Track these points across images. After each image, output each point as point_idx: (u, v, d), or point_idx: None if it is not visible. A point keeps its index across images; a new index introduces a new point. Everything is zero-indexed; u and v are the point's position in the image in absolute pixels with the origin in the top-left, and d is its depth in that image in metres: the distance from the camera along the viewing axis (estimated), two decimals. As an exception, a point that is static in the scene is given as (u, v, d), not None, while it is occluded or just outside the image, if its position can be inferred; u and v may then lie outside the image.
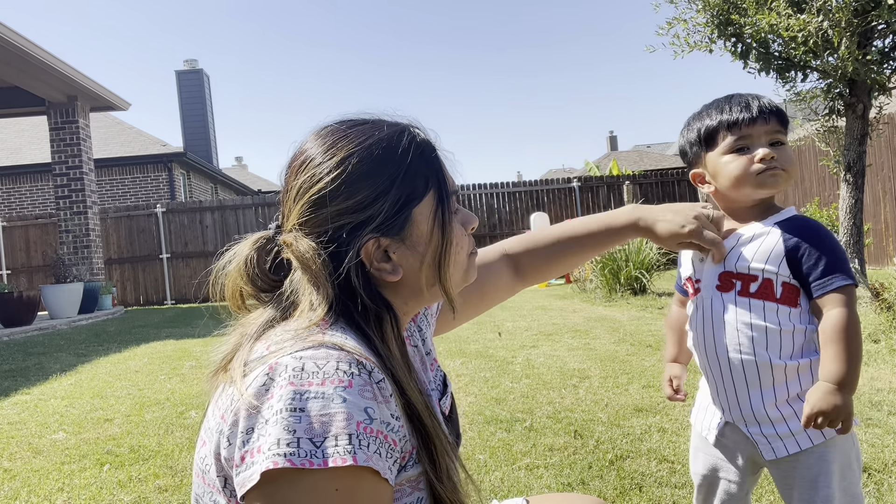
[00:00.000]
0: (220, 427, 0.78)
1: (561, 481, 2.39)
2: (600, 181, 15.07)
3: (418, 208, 0.87)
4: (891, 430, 2.69)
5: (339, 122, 0.91)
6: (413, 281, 0.89)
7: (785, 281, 1.26)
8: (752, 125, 1.29)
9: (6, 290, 8.80)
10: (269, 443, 0.70)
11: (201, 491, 0.84)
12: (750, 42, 6.27)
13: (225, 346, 0.88)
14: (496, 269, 1.32)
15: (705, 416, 1.43)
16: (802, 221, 1.29)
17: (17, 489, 2.61)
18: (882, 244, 9.79)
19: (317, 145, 0.89)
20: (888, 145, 9.44)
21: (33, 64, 9.10)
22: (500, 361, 4.68)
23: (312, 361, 0.75)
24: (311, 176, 0.86)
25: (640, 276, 8.54)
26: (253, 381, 0.75)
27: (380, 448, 0.73)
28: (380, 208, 0.84)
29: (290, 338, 0.80)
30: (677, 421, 3.01)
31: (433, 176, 0.89)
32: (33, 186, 17.60)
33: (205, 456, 0.82)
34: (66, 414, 3.77)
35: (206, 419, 0.86)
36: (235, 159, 39.83)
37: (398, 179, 0.86)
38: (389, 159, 0.86)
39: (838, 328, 1.20)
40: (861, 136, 6.43)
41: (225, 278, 0.91)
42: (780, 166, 1.29)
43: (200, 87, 22.42)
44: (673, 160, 31.04)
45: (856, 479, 1.32)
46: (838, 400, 1.18)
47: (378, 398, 0.76)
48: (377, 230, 0.85)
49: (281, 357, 0.76)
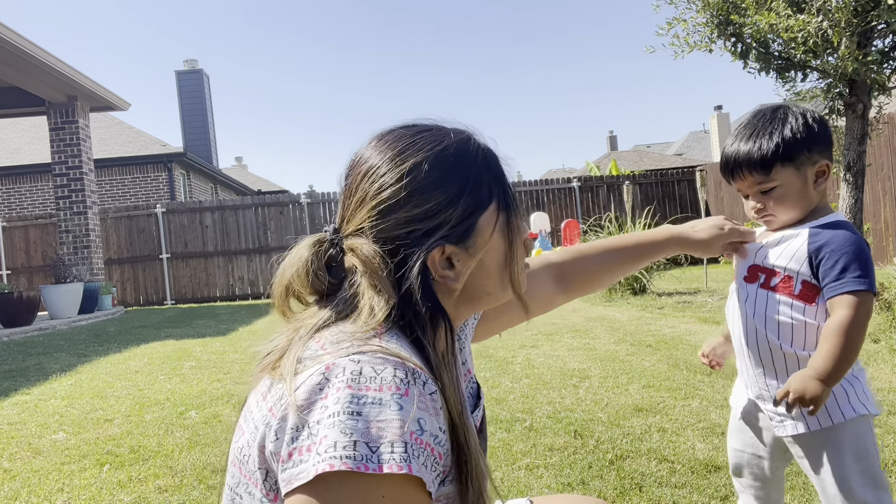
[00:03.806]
0: (268, 420, 0.78)
1: (561, 481, 2.39)
2: (600, 181, 15.07)
3: (484, 217, 0.87)
4: (891, 429, 2.69)
5: (403, 128, 0.91)
6: (472, 289, 0.90)
7: (805, 279, 1.35)
8: (734, 181, 1.43)
9: (6, 291, 8.80)
10: (326, 444, 0.70)
11: (235, 481, 0.83)
12: (750, 42, 6.27)
13: (275, 343, 0.87)
14: (539, 278, 1.32)
15: (737, 395, 1.55)
16: (833, 226, 1.36)
17: (17, 489, 2.61)
18: (882, 244, 9.79)
19: (383, 152, 0.88)
20: (888, 145, 9.44)
21: (33, 64, 9.10)
22: (499, 361, 4.68)
23: (370, 366, 0.75)
24: (378, 183, 0.86)
25: (640, 276, 8.54)
26: (307, 379, 0.75)
27: (427, 460, 0.73)
28: (449, 217, 0.85)
29: (346, 339, 0.79)
30: (677, 421, 3.01)
31: (497, 184, 0.89)
32: (33, 186, 17.60)
33: (243, 446, 0.82)
34: (65, 414, 3.77)
35: (247, 409, 0.85)
36: (235, 159, 39.79)
37: (467, 188, 0.86)
38: (458, 167, 0.86)
39: (838, 327, 1.27)
40: (861, 136, 6.43)
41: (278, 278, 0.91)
42: (770, 212, 1.39)
43: (200, 87, 22.42)
44: (673, 160, 31.03)
45: (874, 461, 1.39)
46: (816, 388, 1.26)
47: (430, 410, 0.75)
48: (444, 238, 0.85)
49: (338, 358, 0.76)
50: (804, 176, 1.37)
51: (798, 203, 1.37)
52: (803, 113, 1.38)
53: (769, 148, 1.35)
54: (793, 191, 1.37)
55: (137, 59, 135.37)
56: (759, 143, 1.36)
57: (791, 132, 1.36)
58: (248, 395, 0.88)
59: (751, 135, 1.38)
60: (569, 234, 10.75)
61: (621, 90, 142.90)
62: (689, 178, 15.13)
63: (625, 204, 12.75)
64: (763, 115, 1.41)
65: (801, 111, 1.39)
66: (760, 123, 1.39)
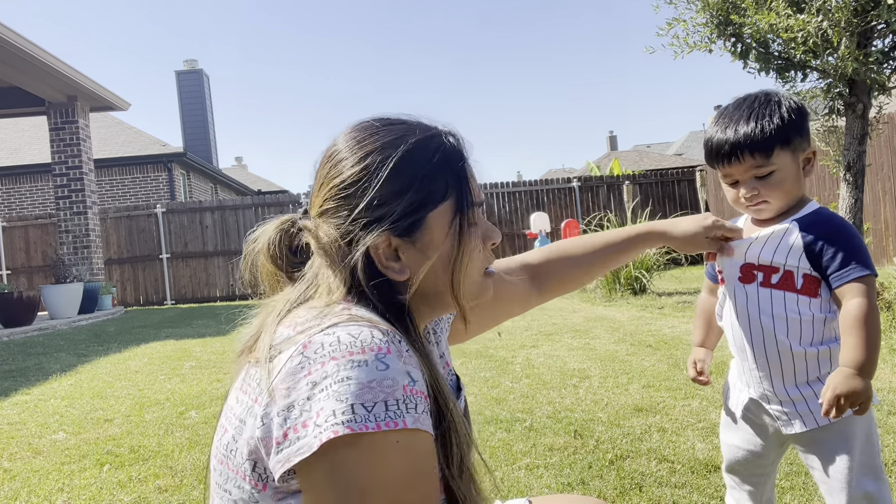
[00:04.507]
0: (251, 410, 0.79)
1: (561, 481, 2.39)
2: (600, 181, 15.06)
3: (433, 214, 0.87)
4: (891, 429, 2.69)
5: (374, 119, 0.93)
6: (424, 286, 0.89)
7: (806, 273, 1.33)
8: (729, 165, 1.36)
9: (6, 291, 8.80)
10: (324, 415, 0.71)
11: (224, 478, 0.84)
12: (749, 42, 6.27)
13: (251, 328, 0.90)
14: (512, 279, 1.31)
15: (733, 392, 1.52)
16: (821, 216, 1.36)
17: (17, 489, 2.61)
18: (882, 244, 9.79)
19: (347, 140, 0.91)
20: (888, 145, 9.45)
21: (33, 64, 9.10)
22: (499, 361, 4.68)
23: (346, 333, 0.77)
24: (335, 168, 0.89)
25: (640, 276, 8.54)
26: (287, 361, 0.76)
27: (425, 408, 0.76)
28: (393, 208, 0.86)
29: (315, 316, 0.82)
30: (677, 421, 3.01)
31: (455, 184, 0.89)
32: (33, 186, 17.60)
33: (227, 442, 0.83)
34: (66, 414, 3.77)
35: (227, 407, 0.87)
36: (235, 159, 39.81)
37: (416, 183, 0.87)
38: (411, 161, 0.87)
39: (857, 316, 1.26)
40: (861, 136, 6.43)
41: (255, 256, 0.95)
42: (764, 199, 1.35)
43: (200, 87, 22.42)
44: (673, 160, 31.03)
45: (875, 452, 1.39)
46: (858, 384, 1.25)
47: (413, 363, 0.78)
48: (389, 230, 0.86)
49: (313, 336, 0.78)
50: (797, 161, 1.35)
51: (792, 189, 1.36)
52: (789, 98, 1.37)
53: (771, 129, 1.31)
54: (789, 176, 1.34)
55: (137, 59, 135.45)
56: (761, 125, 1.31)
57: (788, 114, 1.33)
58: (228, 391, 0.90)
59: (749, 116, 1.33)
60: (569, 233, 10.75)
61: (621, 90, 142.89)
62: (689, 178, 15.12)
63: (625, 204, 12.75)
64: (756, 98, 1.37)
65: (787, 96, 1.37)
66: (756, 105, 1.35)
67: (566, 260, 1.35)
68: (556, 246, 1.38)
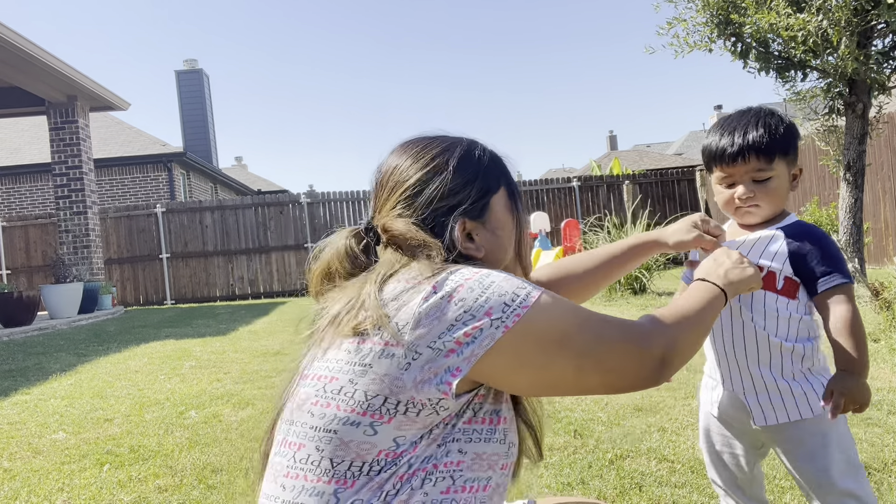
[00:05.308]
0: (384, 352, 0.90)
1: (561, 481, 2.39)
2: (600, 181, 15.06)
3: (495, 198, 1.07)
4: (891, 429, 2.69)
5: (420, 137, 1.11)
6: (491, 262, 1.05)
7: (787, 276, 1.40)
8: (733, 165, 1.42)
9: (6, 290, 8.80)
10: (497, 304, 0.91)
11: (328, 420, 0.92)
12: (749, 41, 6.28)
13: (337, 305, 0.99)
14: None
15: (710, 393, 1.56)
16: (802, 227, 1.44)
17: (17, 489, 2.61)
18: (882, 243, 9.79)
19: (406, 152, 1.08)
20: (888, 145, 9.44)
21: (33, 64, 9.09)
22: (499, 361, 4.67)
23: (468, 269, 0.96)
24: (403, 174, 1.05)
25: (640, 275, 8.55)
26: (424, 302, 0.91)
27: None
28: (466, 196, 1.03)
29: (425, 270, 0.95)
30: (677, 420, 3.01)
31: (504, 175, 1.10)
32: (33, 186, 17.59)
33: (343, 385, 0.92)
34: (65, 414, 3.77)
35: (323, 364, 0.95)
36: (235, 159, 39.77)
37: (479, 174, 1.06)
38: (469, 159, 1.07)
39: (846, 322, 1.34)
40: (861, 136, 6.43)
41: (316, 263, 1.08)
42: (757, 202, 1.42)
43: (200, 87, 22.42)
44: (672, 160, 31.02)
45: (855, 449, 1.44)
46: (860, 384, 1.33)
47: None
48: (465, 213, 1.03)
49: (435, 279, 0.93)
50: (789, 174, 1.44)
51: (782, 199, 1.44)
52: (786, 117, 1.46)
53: (777, 137, 1.40)
54: (782, 185, 1.42)
55: (137, 59, 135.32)
56: (769, 132, 1.40)
57: (789, 129, 1.43)
58: (304, 355, 1.03)
59: (757, 123, 1.41)
60: (569, 233, 10.73)
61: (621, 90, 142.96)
62: (689, 177, 15.12)
63: (625, 204, 12.75)
64: (762, 109, 1.46)
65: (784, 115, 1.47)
66: (763, 115, 1.43)
67: (570, 278, 1.45)
68: (559, 265, 1.49)
